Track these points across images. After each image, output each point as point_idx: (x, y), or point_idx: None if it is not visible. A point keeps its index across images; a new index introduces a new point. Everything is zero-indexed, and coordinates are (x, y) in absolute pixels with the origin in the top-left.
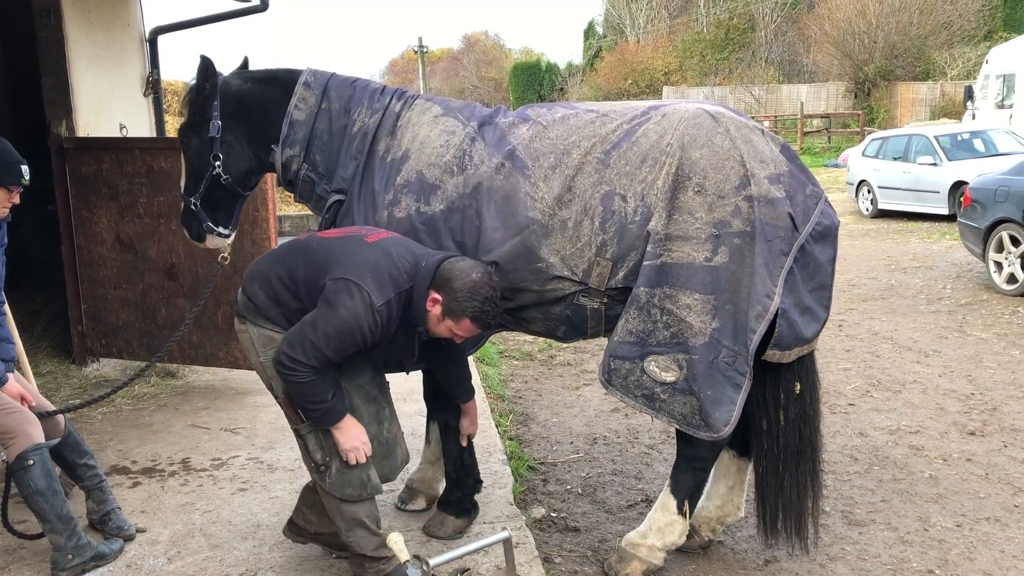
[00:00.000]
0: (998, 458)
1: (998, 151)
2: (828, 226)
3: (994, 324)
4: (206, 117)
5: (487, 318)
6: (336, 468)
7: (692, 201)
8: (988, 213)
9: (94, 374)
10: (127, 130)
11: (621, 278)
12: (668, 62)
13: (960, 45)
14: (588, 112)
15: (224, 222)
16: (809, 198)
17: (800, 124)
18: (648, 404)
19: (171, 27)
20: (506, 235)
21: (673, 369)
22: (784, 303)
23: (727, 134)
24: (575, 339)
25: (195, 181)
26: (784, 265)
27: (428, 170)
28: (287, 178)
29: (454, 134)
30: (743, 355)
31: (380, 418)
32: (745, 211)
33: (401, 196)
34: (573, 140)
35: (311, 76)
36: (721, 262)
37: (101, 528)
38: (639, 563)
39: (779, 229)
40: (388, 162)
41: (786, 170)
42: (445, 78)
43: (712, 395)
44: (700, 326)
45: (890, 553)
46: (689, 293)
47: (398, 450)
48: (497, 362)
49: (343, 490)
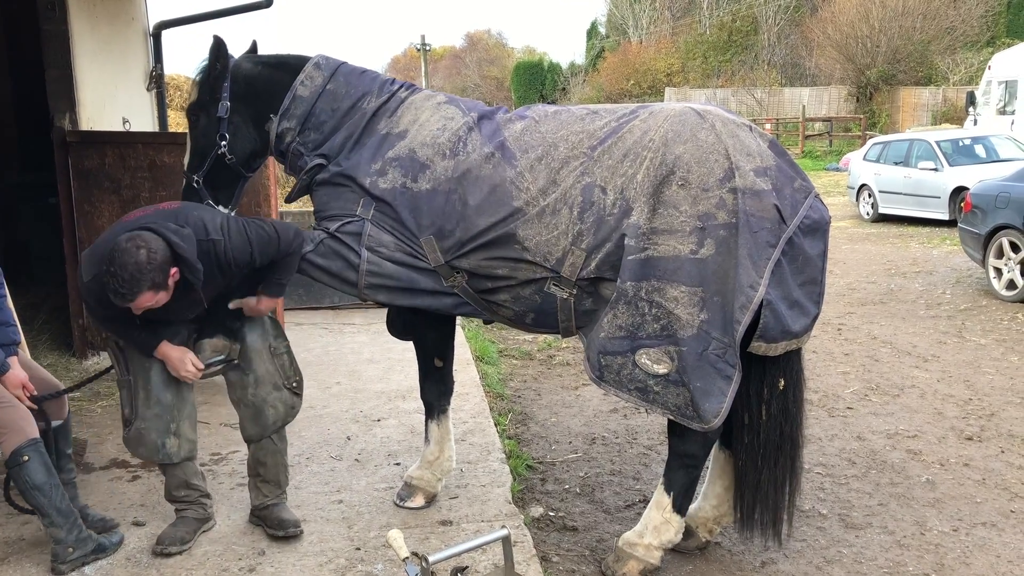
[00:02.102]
0: (995, 463)
1: (999, 157)
2: (817, 220)
3: (993, 330)
4: (215, 97)
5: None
6: (135, 428)
7: (676, 195)
8: (988, 219)
9: (94, 367)
10: (130, 124)
11: (593, 268)
12: (670, 63)
13: (963, 51)
14: (581, 110)
15: (225, 201)
16: (797, 192)
17: (802, 127)
18: (642, 397)
19: (175, 22)
20: (489, 222)
21: (665, 361)
22: (771, 295)
23: (712, 129)
24: (543, 330)
25: (200, 159)
26: (770, 257)
27: (421, 149)
28: (279, 148)
29: (453, 119)
30: (732, 347)
31: (245, 383)
32: (730, 203)
33: (389, 168)
34: (562, 135)
35: (322, 59)
36: (707, 254)
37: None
38: (636, 563)
39: (765, 221)
40: (383, 136)
41: (773, 164)
42: (447, 76)
43: (702, 386)
44: (688, 318)
45: (887, 557)
46: (676, 286)
47: (267, 410)
48: (496, 361)
49: (136, 449)
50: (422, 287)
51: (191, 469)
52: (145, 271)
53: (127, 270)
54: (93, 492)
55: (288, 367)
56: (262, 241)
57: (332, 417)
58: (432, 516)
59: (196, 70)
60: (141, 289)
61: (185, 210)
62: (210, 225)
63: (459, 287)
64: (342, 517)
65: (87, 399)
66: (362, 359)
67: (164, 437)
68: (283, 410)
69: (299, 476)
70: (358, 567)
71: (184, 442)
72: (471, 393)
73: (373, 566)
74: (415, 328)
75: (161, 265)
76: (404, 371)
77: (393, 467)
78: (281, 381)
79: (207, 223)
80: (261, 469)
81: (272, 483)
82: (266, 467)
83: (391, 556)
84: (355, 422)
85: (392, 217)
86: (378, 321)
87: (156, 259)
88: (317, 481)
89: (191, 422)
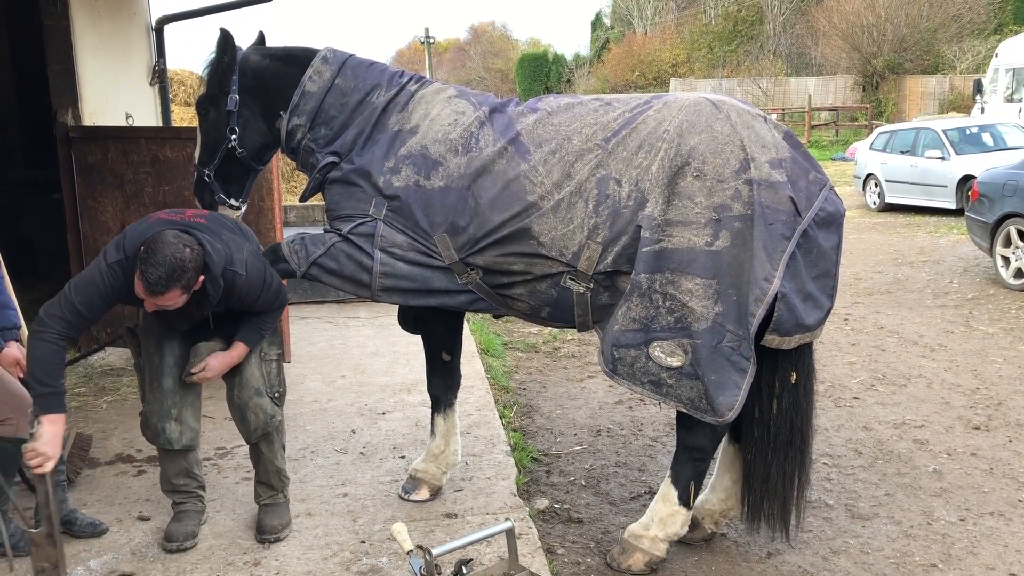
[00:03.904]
0: (1003, 453)
1: (1007, 145)
2: (832, 213)
3: (1001, 319)
4: (224, 90)
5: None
6: (143, 411)
7: (691, 186)
8: (996, 207)
9: (100, 362)
10: (133, 119)
11: (609, 262)
12: (676, 54)
13: (969, 38)
14: (593, 101)
15: (236, 194)
16: (812, 184)
17: (808, 117)
18: (655, 390)
19: (177, 16)
20: (504, 217)
21: (678, 354)
22: (785, 288)
23: (727, 120)
24: (559, 324)
25: (210, 153)
26: (785, 249)
27: (433, 146)
28: (290, 146)
29: (464, 114)
30: (747, 340)
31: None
32: (745, 194)
33: (402, 166)
34: (575, 127)
35: (330, 52)
36: (722, 246)
37: (69, 529)
38: (642, 554)
39: (780, 213)
40: (395, 132)
41: (788, 156)
42: (452, 69)
43: (716, 379)
44: (702, 311)
45: (893, 547)
46: (690, 278)
47: (249, 415)
48: (502, 354)
49: (144, 432)
50: (436, 286)
51: (193, 458)
52: (184, 269)
53: (168, 264)
54: (99, 487)
55: (274, 375)
56: (269, 291)
57: (337, 410)
58: (437, 509)
59: (204, 63)
60: (174, 285)
61: (216, 229)
62: (236, 256)
63: (474, 283)
64: (347, 510)
65: (92, 394)
66: (367, 352)
67: (164, 422)
68: (263, 418)
69: (304, 469)
70: (363, 560)
71: (186, 429)
72: (476, 386)
73: (378, 559)
74: (424, 322)
75: (197, 268)
76: (409, 364)
77: (398, 460)
78: (264, 387)
79: (233, 253)
80: (255, 469)
81: (264, 484)
82: (257, 469)
83: (396, 549)
84: (360, 415)
85: (405, 216)
86: (383, 315)
87: (197, 261)
88: (322, 474)
89: (194, 411)
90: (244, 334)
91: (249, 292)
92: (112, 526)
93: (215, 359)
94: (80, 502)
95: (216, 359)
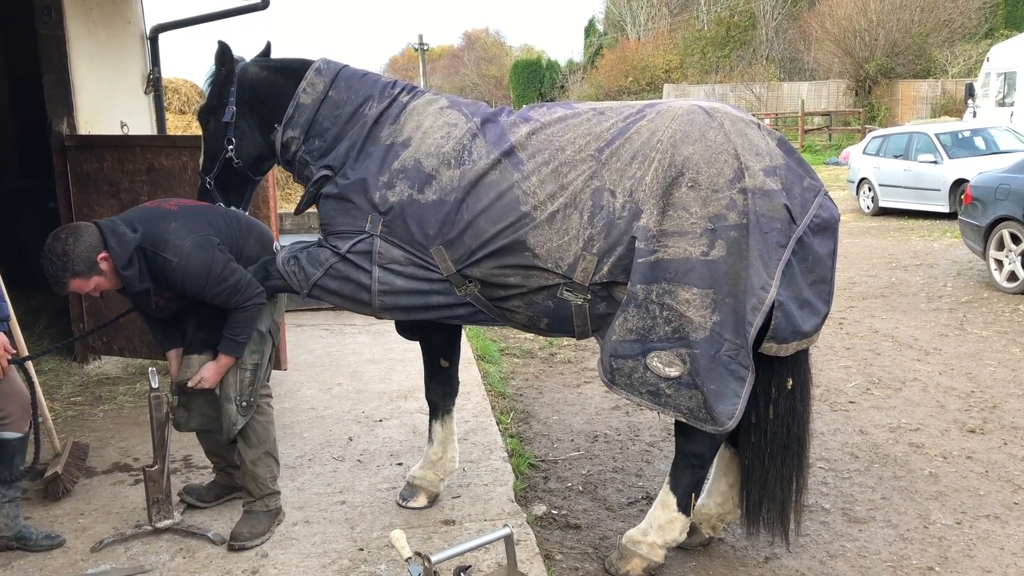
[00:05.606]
0: (998, 456)
1: (999, 149)
2: (827, 219)
3: (994, 322)
4: (223, 102)
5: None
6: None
7: (686, 196)
8: (989, 211)
9: (96, 371)
10: (128, 128)
11: (605, 273)
12: (669, 60)
13: (961, 43)
14: (587, 110)
15: (236, 202)
16: (807, 191)
17: (801, 122)
18: (654, 400)
19: (172, 25)
20: (497, 228)
21: (676, 364)
22: (781, 296)
23: (721, 128)
24: (558, 334)
25: (211, 162)
26: (781, 257)
27: (426, 159)
28: (285, 158)
29: (456, 126)
30: (745, 348)
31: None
32: (740, 204)
33: (397, 180)
34: (569, 137)
35: (324, 64)
36: (718, 256)
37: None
38: (640, 560)
39: (775, 221)
40: (388, 145)
41: (782, 163)
42: (446, 76)
43: (715, 389)
44: (700, 320)
45: (890, 550)
46: (687, 288)
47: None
48: (498, 360)
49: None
50: (435, 301)
51: (214, 440)
52: (69, 258)
53: (51, 261)
54: (95, 496)
55: (246, 384)
56: (220, 284)
57: (334, 418)
58: (435, 516)
59: (205, 75)
60: (70, 276)
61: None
62: (175, 243)
63: (472, 296)
64: (345, 518)
65: (88, 403)
66: (363, 360)
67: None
68: (227, 424)
69: (302, 477)
70: (361, 568)
71: (194, 415)
72: (472, 392)
73: (376, 566)
74: (422, 329)
75: (88, 254)
76: (406, 371)
77: (395, 467)
78: (233, 395)
79: (171, 242)
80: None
81: (244, 488)
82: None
83: (394, 556)
84: (357, 423)
85: (401, 229)
86: (379, 322)
87: (86, 247)
88: (320, 482)
89: (206, 399)
90: (222, 344)
91: (186, 280)
92: (108, 535)
93: (207, 371)
94: (77, 511)
95: (208, 371)
